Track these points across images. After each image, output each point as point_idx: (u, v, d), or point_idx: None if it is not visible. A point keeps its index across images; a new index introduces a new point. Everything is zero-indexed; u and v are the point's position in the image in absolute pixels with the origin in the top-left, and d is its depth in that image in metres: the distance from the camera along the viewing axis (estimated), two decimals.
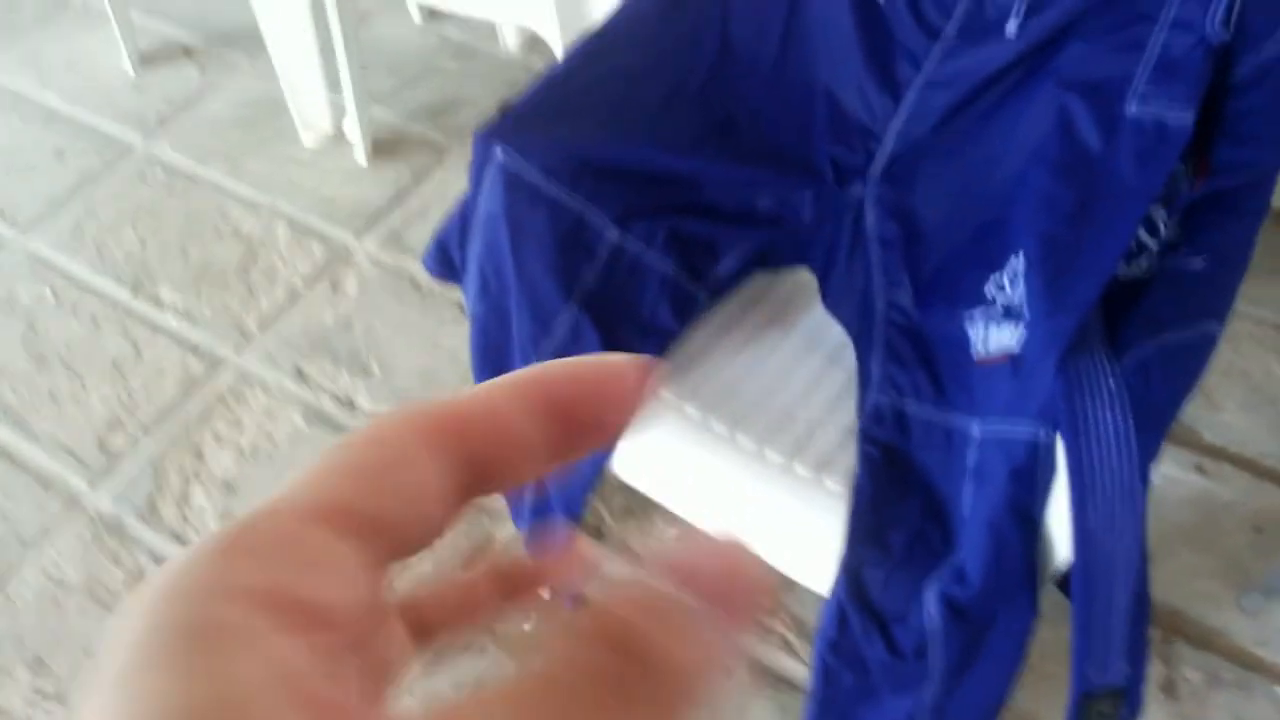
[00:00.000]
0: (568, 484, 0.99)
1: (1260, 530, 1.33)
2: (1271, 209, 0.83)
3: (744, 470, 0.93)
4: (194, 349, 1.62)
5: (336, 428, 1.50)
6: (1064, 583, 0.85)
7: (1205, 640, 1.24)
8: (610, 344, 0.93)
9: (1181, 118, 0.78)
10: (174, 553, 1.37)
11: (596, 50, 0.97)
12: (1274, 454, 1.40)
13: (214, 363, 1.60)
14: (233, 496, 1.44)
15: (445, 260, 1.05)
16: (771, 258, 1.02)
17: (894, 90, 0.95)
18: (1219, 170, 0.80)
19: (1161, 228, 0.81)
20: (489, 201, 0.92)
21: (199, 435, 1.52)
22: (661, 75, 0.98)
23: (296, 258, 1.74)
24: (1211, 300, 0.78)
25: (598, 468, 0.96)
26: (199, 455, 1.50)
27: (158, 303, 1.69)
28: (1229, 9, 0.78)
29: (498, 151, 0.90)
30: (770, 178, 0.98)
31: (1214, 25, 0.79)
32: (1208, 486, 1.37)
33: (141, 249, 1.77)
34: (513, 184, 0.91)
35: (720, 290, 1.01)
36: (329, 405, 1.54)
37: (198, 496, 1.46)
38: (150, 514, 1.44)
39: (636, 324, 0.95)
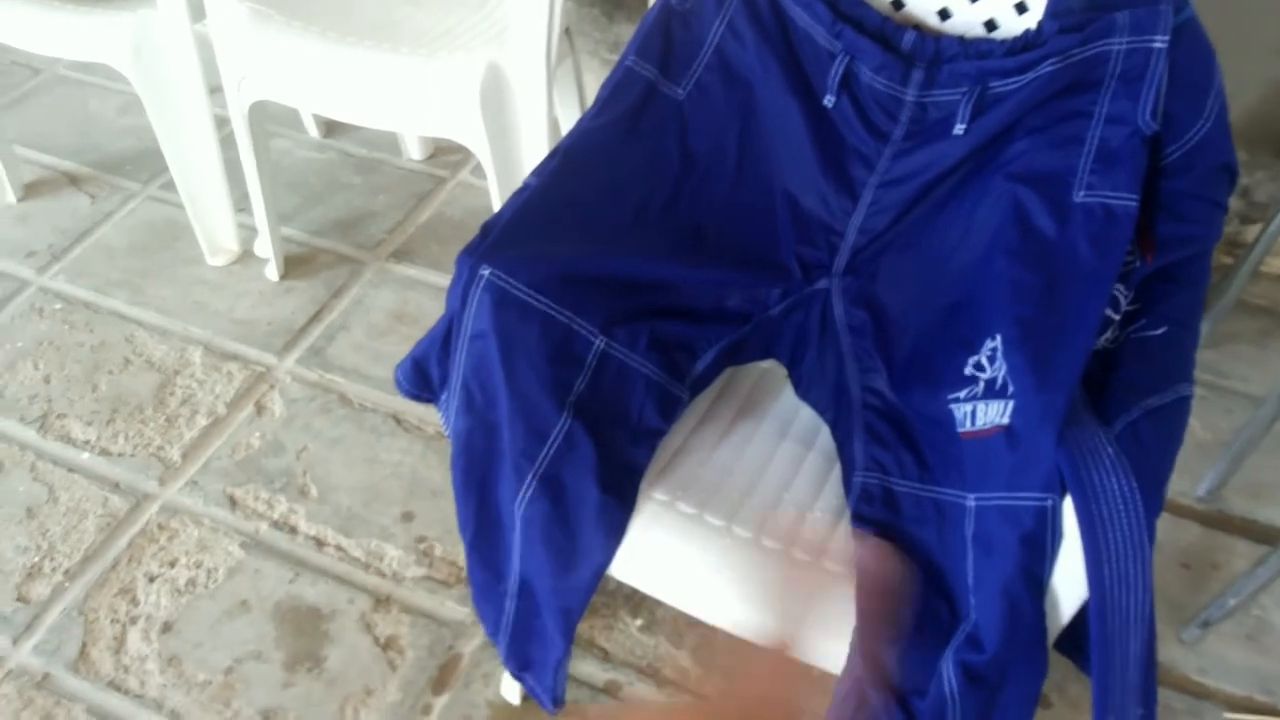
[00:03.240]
0: (563, 590, 0.99)
1: (1188, 566, 1.43)
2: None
3: (746, 560, 0.96)
4: (114, 486, 1.55)
5: (277, 554, 1.46)
6: (1060, 642, 0.90)
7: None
8: (603, 448, 0.95)
9: (1126, 202, 0.87)
10: (114, 704, 1.30)
11: (564, 170, 1.01)
12: (1188, 493, 1.52)
13: (138, 499, 1.54)
14: (173, 637, 1.38)
15: (421, 379, 1.05)
16: (743, 353, 1.06)
17: (850, 190, 1.02)
18: (1164, 246, 0.89)
19: (1122, 301, 0.89)
20: (477, 320, 0.94)
21: (129, 576, 1.45)
22: (630, 191, 1.02)
23: (215, 382, 1.70)
24: (1179, 364, 0.85)
25: (598, 573, 0.97)
26: (131, 597, 1.43)
27: (69, 440, 1.61)
28: (1156, 103, 0.88)
29: (485, 271, 0.92)
30: (740, 278, 1.03)
31: (1144, 118, 0.88)
32: None
33: (45, 385, 1.69)
34: (501, 301, 0.92)
35: (698, 387, 1.05)
36: (267, 531, 1.49)
37: (134, 641, 1.38)
38: (83, 664, 1.35)
39: (626, 427, 0.97)
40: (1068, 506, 0.79)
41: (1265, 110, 1.65)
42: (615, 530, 0.96)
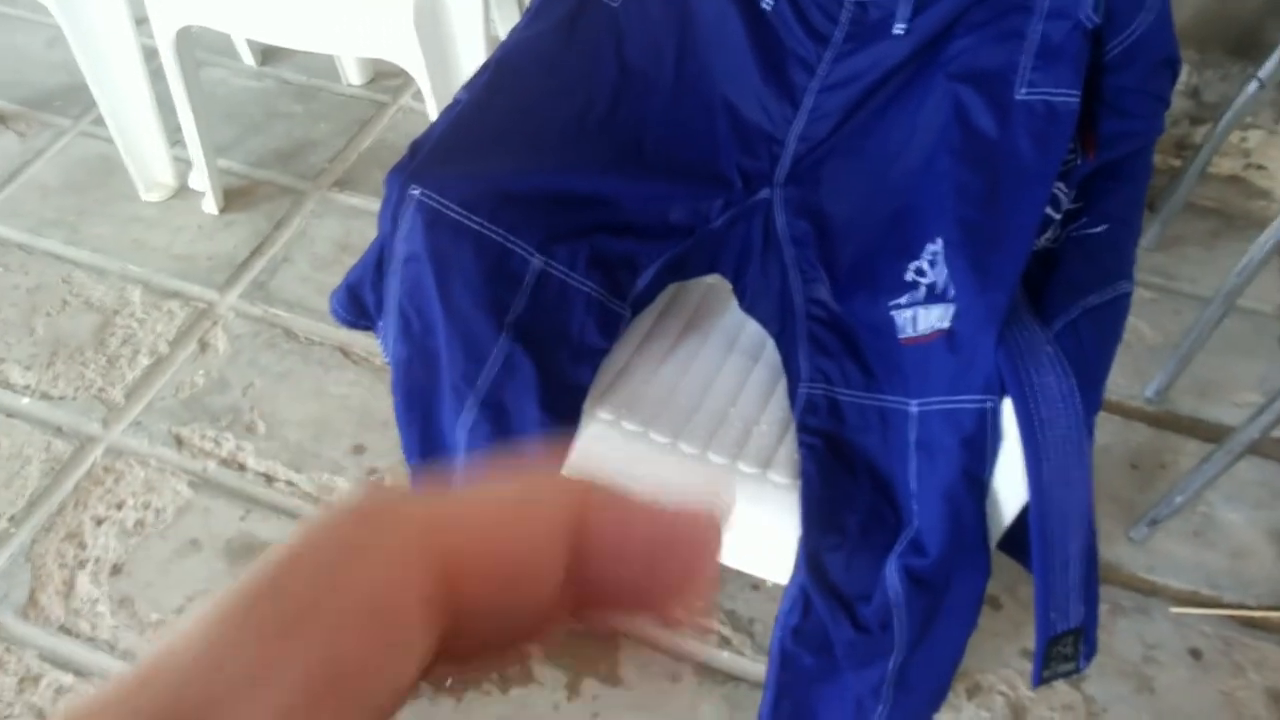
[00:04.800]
0: None
1: (1136, 466, 1.45)
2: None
3: (691, 474, 0.95)
4: (57, 430, 1.52)
5: (227, 492, 1.44)
6: (1003, 543, 0.90)
7: (1104, 574, 1.34)
8: (544, 369, 0.93)
9: (1068, 98, 0.85)
10: (66, 649, 1.29)
11: (496, 83, 0.97)
12: (1137, 395, 1.53)
13: (82, 442, 1.51)
14: (123, 579, 1.36)
15: (356, 306, 1.03)
16: (686, 268, 1.05)
17: (791, 96, 0.99)
18: (1105, 143, 0.87)
19: (1063, 200, 0.87)
20: (409, 241, 0.91)
21: (76, 520, 1.43)
22: (566, 103, 0.99)
23: (156, 321, 1.66)
24: (1119, 261, 0.85)
25: None
26: (79, 541, 1.40)
27: (8, 386, 1.57)
28: None
29: (414, 191, 0.89)
30: (681, 191, 1.00)
31: (1086, 11, 0.86)
32: None
33: None
34: (433, 221, 0.90)
35: (641, 304, 1.03)
36: (215, 470, 1.47)
37: (83, 584, 1.37)
38: (32, 610, 1.34)
39: (568, 347, 0.96)
40: (1008, 408, 0.79)
41: (1216, 8, 1.63)
42: (559, 450, 0.95)
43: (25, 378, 1.58)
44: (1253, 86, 1.44)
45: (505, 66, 0.99)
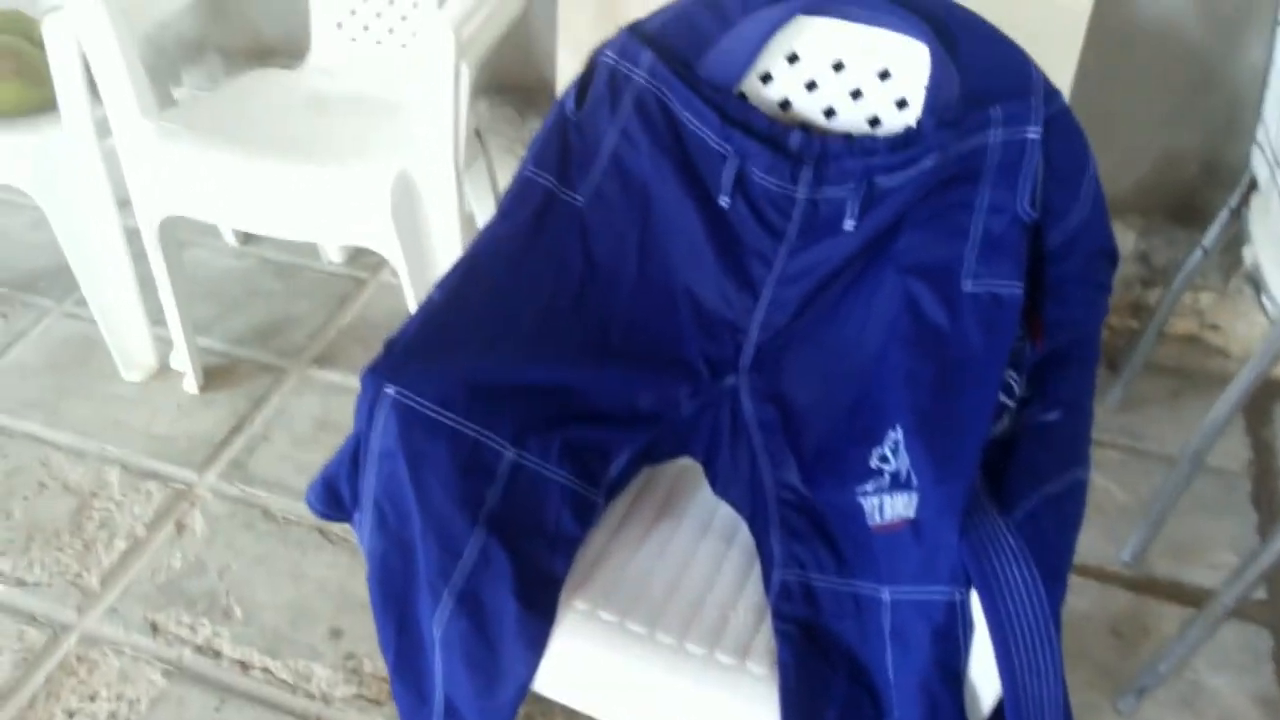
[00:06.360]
0: (489, 710, 0.97)
1: (1118, 634, 1.44)
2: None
3: (668, 667, 0.94)
4: (30, 618, 1.50)
5: (202, 681, 1.41)
6: None
7: None
8: (520, 561, 0.94)
9: (1012, 289, 0.89)
10: None
11: (468, 280, 1.01)
12: (1114, 558, 1.53)
13: (56, 630, 1.48)
14: None
15: (333, 499, 1.04)
16: (656, 453, 1.06)
17: (751, 287, 1.03)
18: (1051, 330, 0.91)
19: (1015, 387, 0.90)
20: (383, 438, 0.93)
21: (47, 713, 1.39)
22: (534, 296, 1.02)
23: (134, 503, 1.66)
24: (1074, 448, 0.87)
25: (522, 691, 0.95)
26: None
27: None
28: (1033, 191, 0.91)
29: (389, 390, 0.92)
30: (649, 379, 1.03)
31: (1023, 205, 0.91)
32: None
33: None
34: (406, 418, 0.92)
35: (614, 491, 1.04)
36: (190, 657, 1.45)
37: None
38: None
39: (544, 537, 0.96)
40: (976, 598, 0.79)
41: (1159, 179, 1.71)
42: (536, 644, 0.94)
43: (0, 564, 1.57)
44: (1197, 254, 1.50)
45: (476, 264, 1.03)
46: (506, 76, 1.97)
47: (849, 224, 0.98)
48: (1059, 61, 1.39)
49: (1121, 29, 1.57)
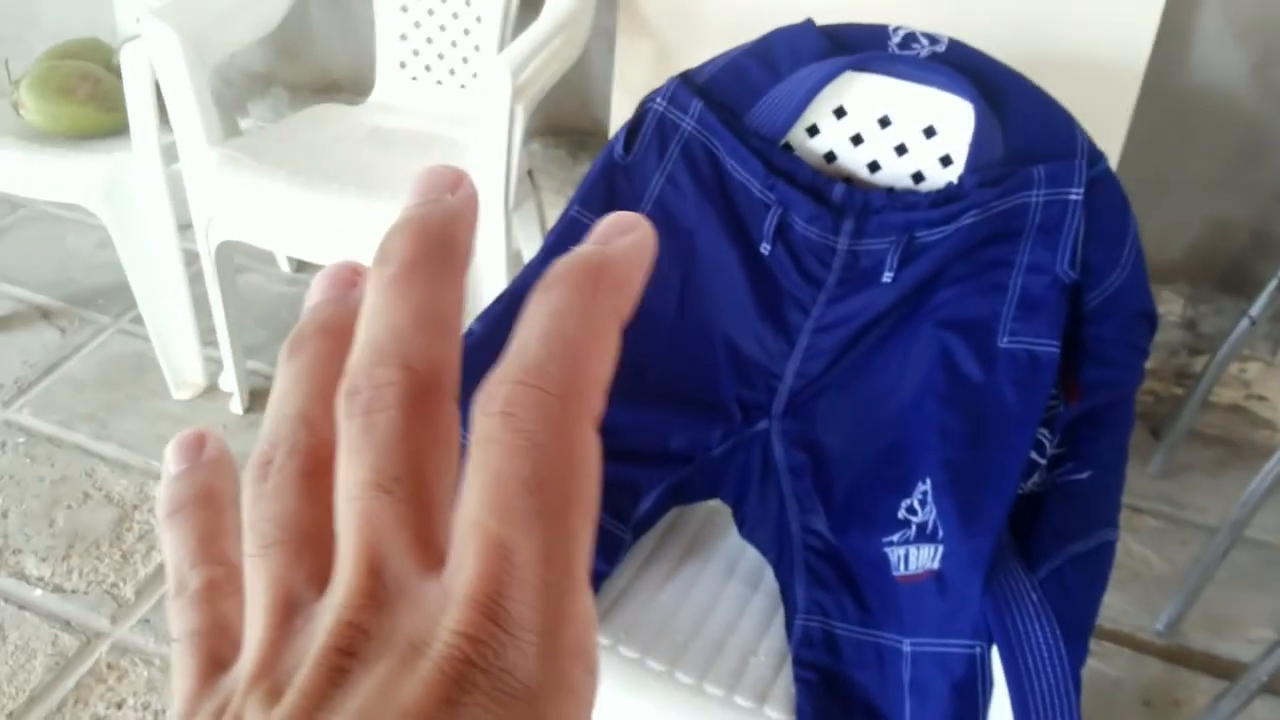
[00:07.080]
0: None
1: (1149, 704, 1.41)
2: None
3: (686, 707, 0.95)
4: (65, 624, 1.53)
5: None
6: None
7: None
8: None
9: (1049, 348, 0.90)
10: None
11: (509, 311, 1.03)
12: (1147, 627, 1.51)
13: (89, 637, 1.51)
14: None
15: None
16: (686, 493, 1.07)
17: (787, 334, 1.04)
18: (1087, 390, 0.91)
19: (1047, 446, 0.90)
20: None
21: (75, 717, 1.42)
22: None
23: None
24: (1104, 509, 0.87)
25: None
26: None
27: (23, 577, 1.59)
28: (1074, 252, 0.91)
29: None
30: (682, 420, 1.04)
31: (1063, 266, 0.92)
32: (1094, 667, 1.45)
33: (3, 520, 1.68)
34: None
35: (642, 528, 1.05)
36: None
37: None
38: None
39: None
40: (997, 654, 0.79)
41: (1206, 246, 1.70)
42: None
43: (40, 569, 1.60)
44: (1244, 324, 1.49)
45: (518, 299, 1.04)
46: (561, 119, 2.01)
47: (888, 276, 0.99)
48: (1110, 125, 1.40)
49: (1175, 94, 1.57)
